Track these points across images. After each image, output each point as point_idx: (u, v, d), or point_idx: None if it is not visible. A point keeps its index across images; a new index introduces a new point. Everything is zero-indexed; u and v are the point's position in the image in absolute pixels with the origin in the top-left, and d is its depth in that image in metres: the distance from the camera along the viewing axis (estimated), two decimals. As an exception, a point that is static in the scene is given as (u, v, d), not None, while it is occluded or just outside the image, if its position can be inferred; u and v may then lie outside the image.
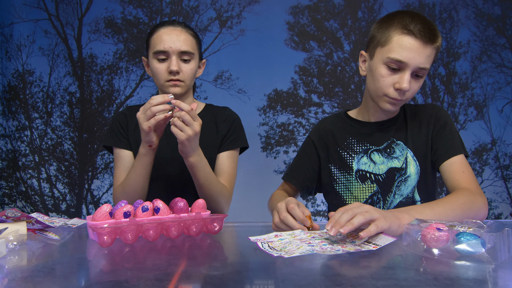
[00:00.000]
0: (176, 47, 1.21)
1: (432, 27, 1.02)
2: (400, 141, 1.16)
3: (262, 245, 0.71)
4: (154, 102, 1.04)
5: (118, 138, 1.31)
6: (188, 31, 1.26)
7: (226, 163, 1.31)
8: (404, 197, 1.14)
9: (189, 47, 1.23)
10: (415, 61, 1.01)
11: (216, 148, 1.32)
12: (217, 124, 1.34)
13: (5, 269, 0.62)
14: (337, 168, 1.21)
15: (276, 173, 2.43)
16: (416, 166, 1.14)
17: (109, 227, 0.75)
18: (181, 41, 1.22)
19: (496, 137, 2.43)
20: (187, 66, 1.24)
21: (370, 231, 0.73)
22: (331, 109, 2.44)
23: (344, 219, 0.74)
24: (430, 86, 2.45)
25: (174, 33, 1.22)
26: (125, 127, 1.32)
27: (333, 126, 1.26)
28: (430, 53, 1.02)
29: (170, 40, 1.21)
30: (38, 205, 2.46)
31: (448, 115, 1.17)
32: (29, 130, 2.46)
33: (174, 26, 1.24)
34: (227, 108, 1.40)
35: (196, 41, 1.28)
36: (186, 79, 1.24)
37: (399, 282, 0.54)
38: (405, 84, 1.02)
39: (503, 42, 2.43)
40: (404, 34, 1.02)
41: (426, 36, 1.00)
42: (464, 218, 0.83)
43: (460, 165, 1.08)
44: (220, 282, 0.56)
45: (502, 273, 0.58)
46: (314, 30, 2.44)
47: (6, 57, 2.45)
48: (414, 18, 1.03)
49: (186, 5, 2.46)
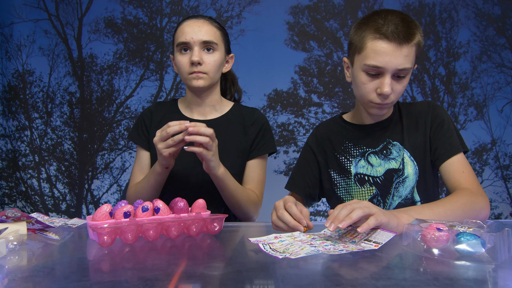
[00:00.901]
0: (198, 38, 1.19)
1: (408, 25, 0.99)
2: (397, 142, 1.14)
3: (264, 247, 0.71)
4: (170, 131, 1.03)
5: (139, 136, 1.32)
6: (212, 23, 1.24)
7: (256, 171, 1.29)
8: (403, 199, 1.12)
9: (211, 37, 1.20)
10: (392, 64, 0.99)
11: (244, 152, 1.28)
12: (245, 127, 1.30)
13: (5, 269, 0.62)
14: (336, 173, 1.20)
15: (276, 173, 2.44)
16: (414, 166, 1.12)
17: (109, 227, 0.75)
18: (203, 31, 1.20)
19: (496, 137, 2.43)
20: (210, 57, 1.21)
21: (369, 224, 0.74)
22: (331, 109, 2.45)
23: (342, 214, 0.75)
24: (430, 86, 2.45)
25: (196, 25, 1.21)
26: (148, 125, 1.32)
27: (329, 131, 1.24)
28: (407, 52, 0.99)
29: (192, 31, 1.19)
30: (38, 205, 2.46)
31: (444, 111, 1.15)
32: (29, 130, 2.46)
33: (197, 19, 1.23)
34: (256, 110, 1.35)
35: (221, 33, 1.25)
36: (209, 70, 1.21)
37: (399, 282, 0.54)
38: (386, 89, 1.00)
39: (503, 42, 2.43)
40: (376, 39, 1.00)
41: (400, 37, 0.98)
42: (465, 218, 0.82)
43: (459, 164, 1.07)
44: (220, 282, 0.56)
45: (502, 273, 0.58)
46: (314, 30, 2.44)
47: (6, 57, 2.45)
48: (387, 19, 1.00)
49: (186, 5, 2.46)
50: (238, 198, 1.20)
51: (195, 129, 1.02)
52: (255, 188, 1.28)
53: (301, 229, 0.84)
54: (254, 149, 1.29)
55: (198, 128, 1.02)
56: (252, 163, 1.29)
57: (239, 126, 1.30)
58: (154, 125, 1.30)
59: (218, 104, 1.31)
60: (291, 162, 2.44)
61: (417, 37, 1.01)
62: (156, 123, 1.30)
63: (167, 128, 1.04)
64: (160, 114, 1.32)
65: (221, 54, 1.23)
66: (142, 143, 1.31)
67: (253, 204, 1.25)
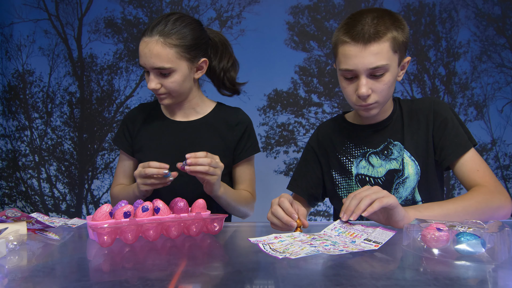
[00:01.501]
0: (150, 64, 1.11)
1: (378, 23, 0.98)
2: (398, 142, 1.12)
3: (264, 247, 0.71)
4: (148, 172, 1.04)
5: (122, 142, 1.32)
6: (165, 40, 1.10)
7: (246, 171, 1.31)
8: (403, 200, 1.11)
9: (163, 62, 1.11)
10: (362, 65, 0.98)
11: (228, 151, 1.27)
12: (229, 127, 1.28)
13: (5, 269, 0.62)
14: (338, 173, 1.19)
15: (276, 173, 2.43)
16: (415, 166, 1.10)
17: (109, 227, 0.75)
18: (154, 56, 1.10)
19: (496, 137, 2.43)
20: (167, 80, 1.14)
21: (373, 207, 0.79)
22: (331, 109, 2.45)
23: (353, 204, 0.81)
24: (430, 86, 2.45)
25: (148, 48, 1.10)
26: (131, 130, 1.32)
27: (331, 131, 1.24)
28: (378, 50, 0.97)
29: (144, 55, 1.11)
30: (38, 205, 2.46)
31: (447, 107, 1.11)
32: (29, 130, 2.46)
33: (151, 37, 1.11)
34: (239, 110, 1.33)
35: (177, 50, 1.12)
36: (170, 91, 1.16)
37: (399, 282, 0.54)
38: (362, 90, 0.99)
39: (503, 42, 2.43)
40: (344, 42, 1.00)
41: (366, 36, 0.96)
42: (480, 217, 0.80)
43: (472, 162, 1.04)
44: (220, 282, 0.56)
45: (502, 273, 0.58)
46: (314, 30, 2.44)
47: (6, 57, 2.45)
48: (355, 19, 1.00)
49: (186, 5, 2.46)
50: (238, 204, 1.23)
51: (193, 160, 1.03)
52: (248, 187, 1.31)
53: (293, 224, 0.85)
54: (241, 152, 1.29)
55: (196, 160, 1.03)
56: (241, 166, 1.31)
57: (222, 126, 1.28)
58: (137, 128, 1.31)
59: (199, 106, 1.30)
60: (291, 162, 2.43)
61: (389, 33, 0.98)
62: (139, 126, 1.31)
63: (147, 167, 1.05)
64: (143, 117, 1.32)
65: (180, 72, 1.15)
66: (126, 148, 1.32)
67: (249, 205, 1.30)
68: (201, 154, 1.05)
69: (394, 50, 1.00)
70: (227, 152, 1.27)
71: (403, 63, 1.06)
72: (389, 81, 1.01)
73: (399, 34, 1.00)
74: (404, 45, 1.03)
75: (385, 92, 1.02)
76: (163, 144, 1.26)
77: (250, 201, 1.30)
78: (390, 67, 1.00)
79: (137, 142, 1.29)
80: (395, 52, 1.00)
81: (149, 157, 1.24)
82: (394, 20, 1.01)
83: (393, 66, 1.01)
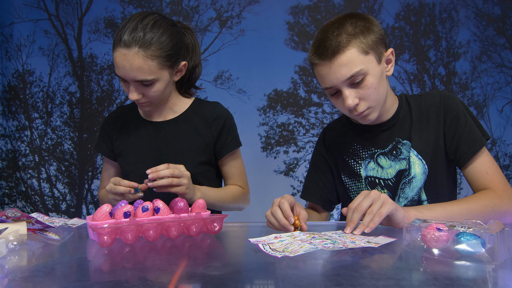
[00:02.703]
0: (130, 77, 1.08)
1: (338, 33, 0.96)
2: (406, 140, 1.08)
3: (264, 247, 0.71)
4: (117, 190, 1.03)
5: (102, 147, 1.33)
6: (145, 52, 1.06)
7: (232, 165, 1.30)
8: (409, 200, 1.07)
9: (146, 75, 1.08)
10: (337, 80, 0.96)
11: (207, 148, 1.25)
12: (207, 122, 1.25)
13: (5, 269, 0.62)
14: (347, 177, 1.16)
15: (276, 173, 2.43)
16: (423, 165, 1.06)
17: (109, 227, 0.75)
18: (135, 69, 1.06)
19: (496, 137, 2.43)
20: (149, 89, 1.12)
21: (375, 223, 0.80)
22: (331, 109, 2.44)
23: (356, 218, 0.83)
24: (430, 86, 2.45)
25: (127, 60, 1.05)
26: (110, 134, 1.31)
27: (336, 133, 1.20)
28: (346, 60, 0.94)
29: (124, 68, 1.06)
30: (38, 205, 2.46)
31: (458, 101, 1.06)
32: (29, 130, 2.46)
33: (129, 49, 1.05)
34: (217, 104, 1.29)
35: (159, 61, 1.08)
36: (151, 99, 1.15)
37: (399, 282, 0.54)
38: (348, 102, 0.97)
39: (503, 42, 2.43)
40: (314, 64, 1.01)
41: (329, 52, 0.95)
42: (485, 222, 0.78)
43: (482, 165, 1.00)
44: (220, 282, 0.56)
45: (502, 273, 0.58)
46: (314, 30, 2.44)
47: (6, 57, 2.45)
48: (319, 38, 0.99)
49: (186, 5, 2.46)
50: (224, 203, 1.23)
51: (154, 174, 1.02)
52: (237, 181, 1.30)
53: (290, 228, 0.85)
54: (223, 148, 1.26)
55: (158, 173, 1.02)
56: (226, 161, 1.29)
57: (199, 122, 1.25)
58: (117, 131, 1.30)
59: (176, 105, 1.28)
60: (291, 162, 2.43)
61: (352, 39, 0.95)
62: (118, 130, 1.30)
63: (118, 184, 1.04)
64: (121, 119, 1.31)
65: (162, 80, 1.13)
66: (107, 153, 1.32)
67: (240, 199, 1.29)
68: (162, 166, 1.04)
69: (365, 52, 0.96)
70: (206, 149, 1.25)
71: (387, 57, 1.02)
72: (372, 84, 0.97)
73: (365, 35, 0.97)
74: (377, 42, 0.98)
75: (373, 96, 0.99)
76: (142, 147, 1.25)
77: (240, 195, 1.28)
78: (367, 69, 0.96)
79: (117, 147, 1.29)
80: (366, 53, 0.96)
81: (130, 161, 1.25)
82: (356, 24, 0.97)
83: (372, 67, 0.97)
